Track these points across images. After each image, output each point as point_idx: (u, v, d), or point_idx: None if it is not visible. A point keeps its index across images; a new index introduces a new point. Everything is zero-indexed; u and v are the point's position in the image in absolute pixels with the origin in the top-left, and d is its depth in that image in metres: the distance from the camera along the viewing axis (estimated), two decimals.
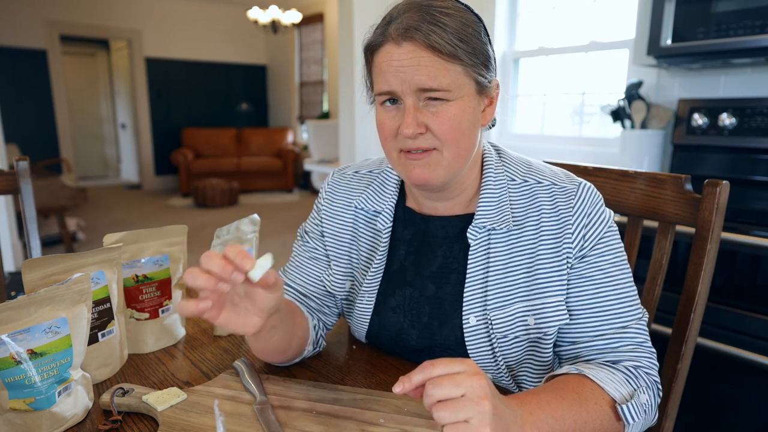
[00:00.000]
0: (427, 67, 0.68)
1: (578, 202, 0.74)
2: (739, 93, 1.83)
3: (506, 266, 0.76)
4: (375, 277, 0.84)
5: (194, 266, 0.57)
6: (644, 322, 0.73)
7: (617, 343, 0.72)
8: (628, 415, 0.64)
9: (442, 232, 0.81)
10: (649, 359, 0.71)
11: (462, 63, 0.69)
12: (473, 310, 0.76)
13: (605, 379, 0.66)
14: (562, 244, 0.74)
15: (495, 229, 0.76)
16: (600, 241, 0.74)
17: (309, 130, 4.59)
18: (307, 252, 0.90)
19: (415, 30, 0.67)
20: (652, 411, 0.69)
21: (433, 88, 0.68)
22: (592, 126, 2.52)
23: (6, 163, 3.67)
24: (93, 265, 0.75)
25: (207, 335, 0.94)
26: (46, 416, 0.64)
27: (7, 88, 6.42)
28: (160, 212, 6.07)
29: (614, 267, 0.74)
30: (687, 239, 1.45)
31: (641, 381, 0.69)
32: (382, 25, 0.72)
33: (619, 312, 0.72)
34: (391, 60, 0.69)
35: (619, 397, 0.65)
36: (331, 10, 6.72)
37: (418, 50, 0.67)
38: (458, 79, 0.69)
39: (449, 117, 0.70)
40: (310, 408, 0.68)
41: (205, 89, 8.06)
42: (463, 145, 0.73)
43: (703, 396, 1.46)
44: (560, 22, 2.54)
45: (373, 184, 0.87)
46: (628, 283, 0.74)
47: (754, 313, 1.36)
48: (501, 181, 0.79)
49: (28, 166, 1.22)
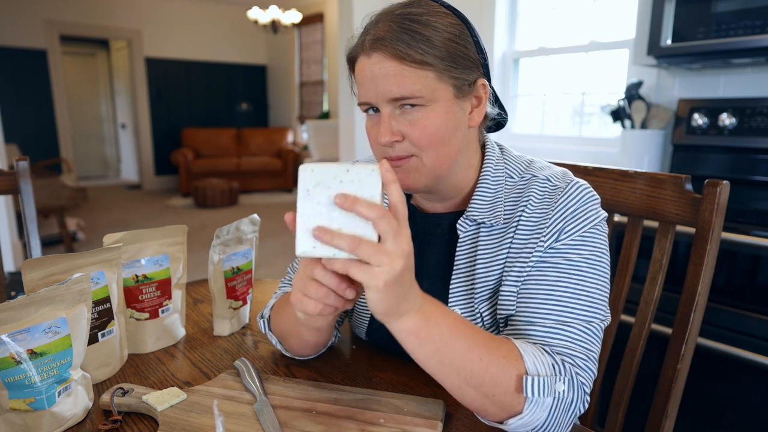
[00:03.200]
0: (396, 76, 0.68)
1: (563, 198, 0.72)
2: (739, 93, 1.83)
3: (492, 260, 0.75)
4: None
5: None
6: (595, 327, 0.68)
7: (556, 334, 0.67)
8: (530, 388, 0.60)
9: (438, 229, 0.82)
10: (584, 361, 0.66)
11: (434, 68, 0.69)
12: (458, 302, 0.76)
13: (528, 351, 0.63)
14: (535, 236, 0.72)
15: (485, 223, 0.76)
16: (578, 236, 0.71)
17: (309, 130, 4.59)
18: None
19: (382, 40, 0.68)
20: (567, 411, 0.63)
21: (403, 96, 0.69)
22: (592, 126, 2.52)
23: (6, 163, 3.67)
24: (93, 265, 0.75)
25: (207, 335, 0.94)
26: (46, 416, 0.64)
27: (7, 88, 6.42)
28: (160, 212, 6.07)
29: (585, 263, 0.70)
30: (687, 239, 1.45)
31: (567, 374, 0.64)
32: (360, 36, 0.73)
33: (569, 305, 0.68)
34: (364, 72, 0.71)
35: (533, 370, 0.62)
36: (331, 10, 6.72)
37: (385, 60, 0.68)
38: (430, 84, 0.69)
39: (425, 124, 0.70)
40: (310, 408, 0.68)
41: (205, 89, 8.06)
42: (443, 150, 0.72)
43: (703, 396, 1.46)
44: (560, 22, 2.54)
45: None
46: (595, 284, 0.69)
47: (754, 313, 1.36)
48: (499, 178, 0.78)
49: (28, 166, 1.22)
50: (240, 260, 0.96)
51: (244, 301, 0.97)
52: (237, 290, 0.96)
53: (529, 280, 0.71)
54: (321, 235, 0.51)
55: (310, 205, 0.52)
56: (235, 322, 0.96)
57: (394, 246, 0.51)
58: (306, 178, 0.52)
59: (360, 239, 0.51)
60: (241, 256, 0.97)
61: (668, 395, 0.87)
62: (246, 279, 0.98)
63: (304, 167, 0.53)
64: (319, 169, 0.52)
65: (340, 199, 0.51)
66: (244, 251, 0.97)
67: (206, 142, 7.59)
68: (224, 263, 0.93)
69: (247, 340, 0.92)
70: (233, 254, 0.95)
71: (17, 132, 6.40)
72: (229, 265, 0.94)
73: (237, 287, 0.96)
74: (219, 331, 0.94)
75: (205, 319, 1.01)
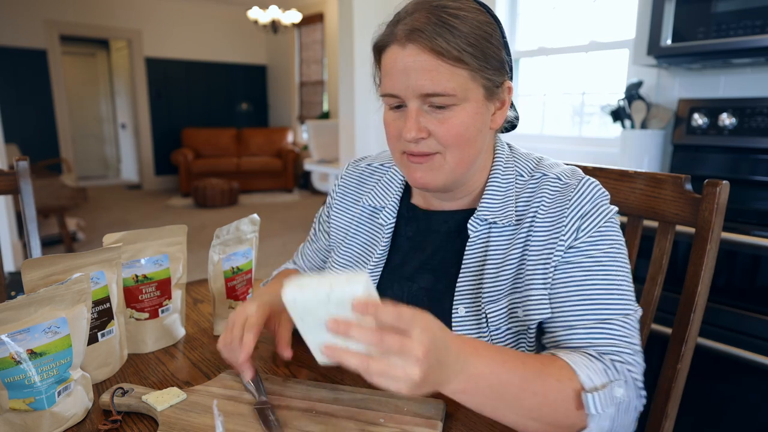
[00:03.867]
0: (430, 72, 0.66)
1: (576, 196, 0.72)
2: (739, 93, 1.83)
3: (503, 260, 0.74)
4: (375, 271, 0.84)
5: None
6: (633, 319, 0.69)
7: (598, 334, 0.67)
8: (592, 404, 0.60)
9: (444, 227, 0.81)
10: (631, 356, 0.66)
11: (468, 67, 0.67)
12: (463, 301, 0.76)
13: (579, 363, 0.62)
14: (553, 236, 0.71)
15: (496, 223, 0.75)
16: (595, 232, 0.71)
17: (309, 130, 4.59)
18: (316, 242, 0.98)
19: (420, 32, 0.66)
20: (628, 412, 0.64)
21: (436, 93, 0.67)
22: (592, 126, 2.52)
23: (6, 163, 3.67)
24: (93, 265, 0.75)
25: (207, 335, 0.94)
26: (46, 416, 0.64)
27: (7, 88, 6.42)
28: (160, 212, 6.07)
29: (607, 257, 0.70)
30: (687, 239, 1.45)
31: (622, 375, 0.64)
32: (390, 23, 0.71)
33: (605, 302, 0.68)
34: (395, 62, 0.69)
35: (589, 384, 0.61)
36: (331, 10, 6.72)
37: (422, 53, 0.66)
38: (464, 83, 0.68)
39: (454, 123, 0.69)
40: (310, 408, 0.68)
41: (205, 89, 8.06)
42: (467, 150, 0.72)
43: (703, 396, 1.46)
44: (560, 22, 2.54)
45: (382, 180, 0.89)
46: (621, 277, 0.70)
47: (754, 313, 1.36)
48: (509, 177, 0.78)
49: (28, 166, 1.22)
50: (240, 260, 0.96)
51: (244, 300, 0.97)
52: (237, 290, 0.96)
53: (557, 284, 0.71)
54: (331, 354, 0.51)
55: (308, 328, 0.51)
56: None
57: (402, 361, 0.50)
58: (292, 308, 0.50)
59: (368, 359, 0.50)
60: (241, 256, 0.97)
61: (668, 395, 0.87)
62: (246, 279, 0.98)
63: (286, 295, 0.50)
64: (300, 299, 0.50)
65: (333, 327, 0.50)
66: (244, 251, 0.97)
67: (206, 142, 7.59)
68: (224, 263, 0.93)
69: None
70: (233, 254, 0.95)
71: (17, 132, 6.40)
72: (229, 265, 0.94)
73: (237, 287, 0.96)
74: (219, 331, 0.94)
75: (205, 319, 1.01)
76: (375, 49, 0.74)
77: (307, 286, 0.50)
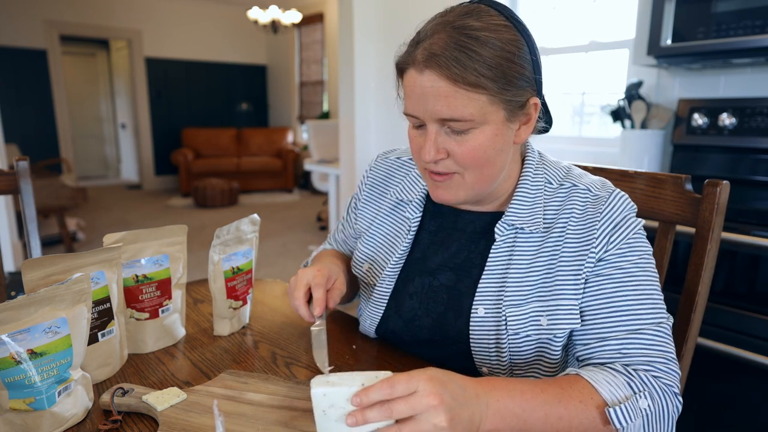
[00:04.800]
0: (447, 98, 0.66)
1: (607, 208, 0.73)
2: (739, 93, 1.83)
3: (529, 266, 0.75)
4: (398, 263, 0.87)
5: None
6: (665, 327, 0.70)
7: (630, 345, 0.68)
8: (616, 418, 0.61)
9: (471, 227, 0.82)
10: (664, 364, 0.67)
11: (487, 92, 0.66)
12: (484, 302, 0.77)
13: (600, 380, 0.64)
14: (585, 248, 0.72)
15: (523, 229, 0.76)
16: (624, 244, 0.72)
17: (309, 130, 4.58)
18: (344, 231, 1.03)
19: (437, 57, 0.65)
20: (662, 420, 0.64)
21: (453, 119, 0.67)
22: (592, 126, 2.52)
23: (6, 163, 3.67)
24: (93, 265, 0.75)
25: (207, 335, 0.94)
26: (46, 416, 0.64)
27: (7, 88, 6.42)
28: (160, 212, 6.07)
29: (637, 268, 0.71)
30: (687, 239, 1.45)
31: (647, 386, 0.64)
32: (411, 43, 0.71)
33: (636, 313, 0.69)
34: (414, 86, 0.69)
35: (611, 399, 0.62)
36: (331, 10, 6.72)
37: (438, 80, 0.66)
38: (482, 108, 0.67)
39: (471, 146, 0.70)
40: (310, 408, 0.68)
41: (205, 89, 8.06)
42: (486, 170, 0.73)
43: (703, 396, 1.46)
44: (560, 22, 2.54)
45: (411, 174, 0.91)
46: (651, 287, 0.71)
47: (754, 313, 1.36)
48: (538, 184, 0.78)
49: (28, 166, 1.22)
50: (240, 260, 0.96)
51: (244, 301, 0.98)
52: (237, 290, 0.96)
53: (588, 296, 0.72)
54: None
55: (329, 423, 0.54)
56: (235, 322, 0.96)
57: (424, 415, 0.52)
58: (319, 402, 0.54)
59: (398, 427, 0.52)
60: (241, 256, 0.97)
61: None
62: (246, 279, 0.98)
63: (316, 389, 0.54)
64: (330, 393, 0.53)
65: (351, 420, 0.52)
66: (244, 251, 0.97)
67: (206, 142, 7.59)
68: (224, 263, 0.93)
69: (247, 340, 0.92)
70: (233, 254, 0.95)
71: (17, 132, 6.40)
72: (229, 265, 0.94)
73: (237, 287, 0.96)
74: (219, 331, 0.94)
75: (205, 319, 1.01)
76: (397, 67, 0.74)
77: (338, 384, 0.54)
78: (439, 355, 0.82)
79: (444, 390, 0.53)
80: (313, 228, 5.29)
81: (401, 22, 2.84)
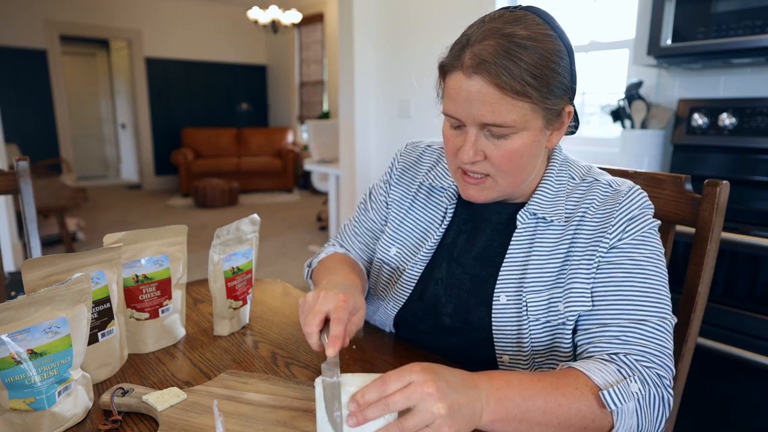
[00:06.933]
0: (492, 104, 0.68)
1: (626, 200, 0.75)
2: (739, 93, 1.83)
3: (550, 254, 0.77)
4: (431, 249, 0.88)
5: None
6: (667, 323, 0.71)
7: (630, 334, 0.69)
8: (610, 400, 0.62)
9: (496, 217, 0.85)
10: (659, 357, 0.68)
11: (530, 100, 0.68)
12: (505, 289, 0.78)
13: (592, 368, 0.66)
14: (600, 235, 0.74)
15: (545, 218, 0.78)
16: (638, 236, 0.74)
17: (309, 130, 4.58)
18: (367, 222, 1.01)
19: (487, 64, 0.67)
20: (653, 407, 0.66)
21: (496, 124, 0.69)
22: (592, 126, 2.52)
23: (6, 163, 3.67)
24: (93, 265, 0.75)
25: (207, 335, 0.94)
26: (46, 416, 0.64)
27: (7, 88, 6.42)
28: (160, 212, 6.07)
29: (648, 261, 0.73)
30: (687, 239, 1.45)
31: (637, 374, 0.66)
32: (458, 47, 0.72)
33: (641, 304, 0.70)
34: (459, 90, 0.70)
35: (603, 383, 0.64)
36: (331, 10, 6.72)
37: (486, 86, 0.68)
38: (525, 115, 0.70)
39: (509, 150, 0.72)
40: (310, 408, 0.68)
41: (205, 89, 8.06)
42: (519, 175, 0.75)
43: (703, 396, 1.46)
44: (560, 22, 2.53)
45: (443, 161, 0.93)
46: (659, 283, 0.72)
47: (754, 313, 1.36)
48: (562, 179, 0.81)
49: (28, 166, 1.22)
50: (240, 260, 0.96)
51: (244, 301, 0.98)
52: (237, 290, 0.96)
53: (596, 282, 0.74)
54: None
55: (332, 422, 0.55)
56: (235, 322, 0.96)
57: (423, 405, 0.53)
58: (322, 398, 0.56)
59: (400, 422, 0.53)
60: (241, 256, 0.97)
61: None
62: (246, 279, 0.98)
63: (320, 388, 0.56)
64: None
65: (351, 421, 0.53)
66: (244, 251, 0.97)
67: (206, 142, 7.59)
68: (224, 263, 0.93)
69: (247, 340, 0.92)
70: (233, 254, 0.95)
71: (17, 132, 6.40)
72: (229, 265, 0.94)
73: (237, 287, 0.96)
74: (219, 331, 0.94)
75: (205, 319, 1.01)
76: (441, 68, 0.75)
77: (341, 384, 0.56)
78: (459, 342, 0.84)
79: (438, 377, 0.54)
80: (313, 228, 5.29)
81: (401, 22, 2.84)
